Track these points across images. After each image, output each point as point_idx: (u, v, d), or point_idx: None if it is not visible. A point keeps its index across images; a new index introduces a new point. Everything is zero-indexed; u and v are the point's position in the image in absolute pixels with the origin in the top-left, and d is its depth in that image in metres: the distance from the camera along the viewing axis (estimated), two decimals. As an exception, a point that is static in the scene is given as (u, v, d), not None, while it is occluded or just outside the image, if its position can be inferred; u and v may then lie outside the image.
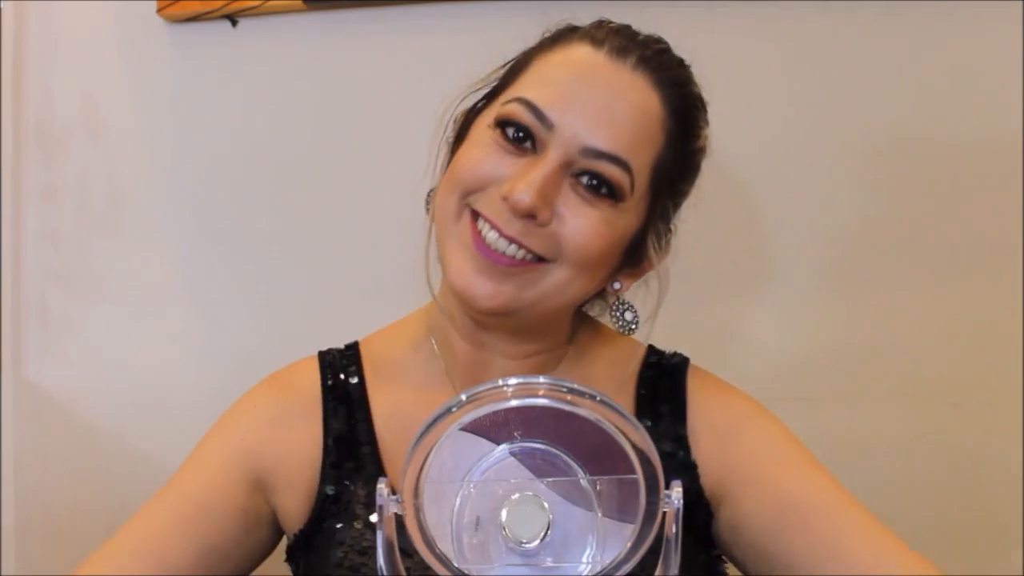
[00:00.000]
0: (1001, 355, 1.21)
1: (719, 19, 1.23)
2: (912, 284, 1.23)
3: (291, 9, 1.30)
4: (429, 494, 0.59)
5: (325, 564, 0.82)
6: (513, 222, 0.75)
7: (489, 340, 0.84)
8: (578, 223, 0.76)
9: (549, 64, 0.80)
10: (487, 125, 0.79)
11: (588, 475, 0.59)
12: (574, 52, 0.79)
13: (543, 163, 0.75)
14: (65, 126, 1.39)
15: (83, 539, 1.42)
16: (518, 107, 0.77)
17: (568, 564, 0.59)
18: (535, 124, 0.76)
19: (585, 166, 0.76)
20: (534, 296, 0.78)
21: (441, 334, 0.88)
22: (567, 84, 0.77)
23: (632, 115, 0.77)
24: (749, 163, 1.24)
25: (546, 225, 0.76)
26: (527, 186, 0.74)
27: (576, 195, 0.76)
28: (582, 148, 0.75)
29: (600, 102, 0.76)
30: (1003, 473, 1.21)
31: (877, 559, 0.73)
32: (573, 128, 0.75)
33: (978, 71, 1.20)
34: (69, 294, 1.40)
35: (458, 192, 0.79)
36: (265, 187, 1.35)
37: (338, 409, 0.87)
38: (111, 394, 1.38)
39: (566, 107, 0.76)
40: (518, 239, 0.76)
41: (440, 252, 0.81)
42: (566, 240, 0.76)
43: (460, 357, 0.86)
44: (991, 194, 1.21)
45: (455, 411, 0.57)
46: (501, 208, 0.76)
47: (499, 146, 0.78)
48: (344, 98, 1.32)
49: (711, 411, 0.85)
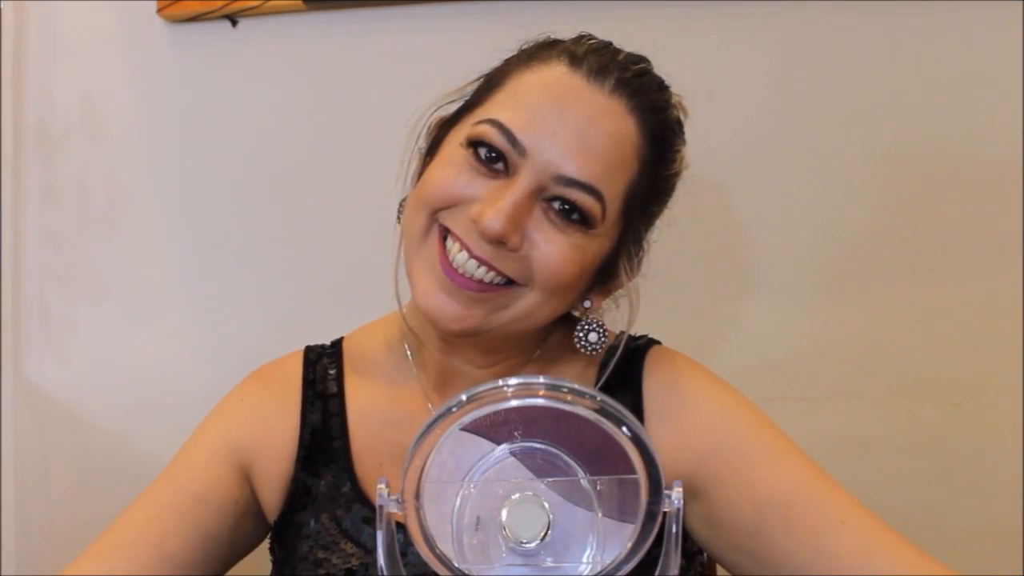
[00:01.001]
0: (1001, 355, 1.21)
1: (714, 19, 1.23)
2: (912, 284, 1.23)
3: (291, 9, 1.30)
4: (429, 494, 0.59)
5: (292, 556, 0.82)
6: (487, 248, 0.74)
7: (457, 350, 0.84)
8: (549, 248, 0.75)
9: (525, 85, 0.78)
10: (459, 143, 0.78)
11: (588, 475, 0.59)
12: (551, 72, 0.77)
13: (514, 188, 0.74)
14: (65, 126, 1.39)
15: (83, 539, 1.42)
16: (491, 129, 0.75)
17: (568, 564, 0.59)
18: (507, 148, 0.75)
19: (557, 192, 0.75)
20: (503, 319, 0.78)
21: (412, 338, 0.88)
22: (542, 109, 0.75)
23: (607, 142, 0.75)
24: (749, 162, 1.25)
25: (517, 249, 0.75)
26: (496, 213, 0.73)
27: (547, 220, 0.75)
28: (555, 176, 0.74)
29: (575, 129, 0.75)
30: (1003, 473, 1.21)
31: (866, 559, 0.72)
32: (546, 155, 0.74)
33: (978, 71, 1.20)
34: (69, 294, 1.40)
35: (427, 209, 0.78)
36: (265, 187, 1.35)
37: (315, 403, 0.88)
38: (111, 394, 1.38)
39: (540, 133, 0.74)
40: (488, 261, 0.75)
41: (408, 269, 0.80)
42: (537, 265, 0.75)
43: (430, 363, 0.86)
44: (991, 194, 1.21)
45: (455, 411, 0.57)
46: (470, 228, 0.75)
47: (470, 166, 0.76)
48: (344, 98, 1.32)
49: (660, 390, 0.82)
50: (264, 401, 0.89)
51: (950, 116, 1.21)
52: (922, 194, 1.22)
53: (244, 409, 0.89)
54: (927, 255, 1.22)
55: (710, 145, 1.25)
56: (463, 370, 0.85)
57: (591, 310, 0.83)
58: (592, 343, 0.82)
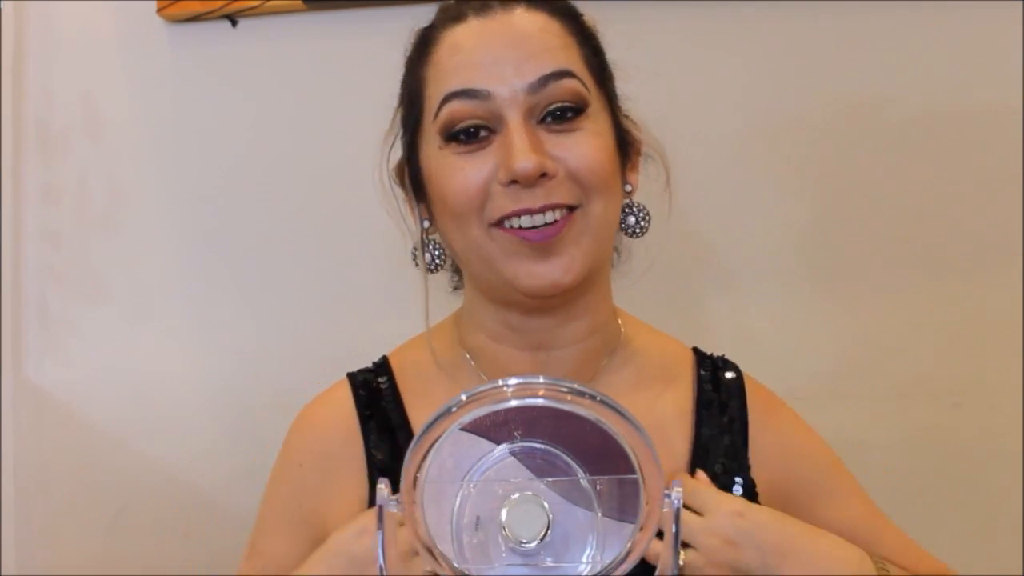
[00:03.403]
0: (1001, 355, 1.21)
1: (713, 15, 1.23)
2: (912, 284, 1.23)
3: (291, 9, 1.30)
4: (429, 494, 0.59)
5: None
6: (535, 194, 0.75)
7: (547, 336, 0.83)
8: (578, 151, 0.76)
9: (441, 62, 0.79)
10: (437, 148, 0.78)
11: (588, 475, 0.59)
12: (451, 38, 0.79)
13: (511, 128, 0.75)
14: (65, 126, 1.39)
15: (83, 539, 1.42)
16: (451, 105, 0.76)
17: (568, 564, 0.59)
18: (476, 106, 0.75)
19: (543, 101, 0.76)
20: (591, 241, 0.78)
21: (479, 351, 0.86)
22: (471, 57, 0.77)
23: (539, 36, 0.77)
24: (748, 162, 1.25)
25: (556, 174, 0.75)
26: (520, 152, 0.73)
27: (555, 134, 0.76)
28: (526, 88, 0.75)
29: (508, 47, 0.76)
30: (1003, 473, 1.21)
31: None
32: (506, 82, 0.75)
33: (978, 71, 1.20)
34: (69, 294, 1.40)
35: (470, 219, 0.77)
36: (265, 187, 1.35)
37: (380, 441, 0.84)
38: (111, 394, 1.38)
39: (486, 71, 0.76)
40: (547, 204, 0.75)
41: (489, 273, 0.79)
42: (579, 175, 0.76)
43: (512, 368, 0.83)
44: (991, 194, 1.21)
45: (455, 411, 0.57)
46: (515, 194, 0.75)
47: (464, 155, 0.77)
48: (344, 98, 1.32)
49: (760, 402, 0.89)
50: (321, 457, 0.85)
51: (950, 116, 1.21)
52: (922, 194, 1.22)
53: (304, 476, 0.85)
54: (927, 255, 1.22)
55: (709, 145, 1.26)
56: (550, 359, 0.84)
57: (633, 193, 0.85)
58: (631, 225, 0.84)
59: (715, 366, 0.91)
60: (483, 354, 0.86)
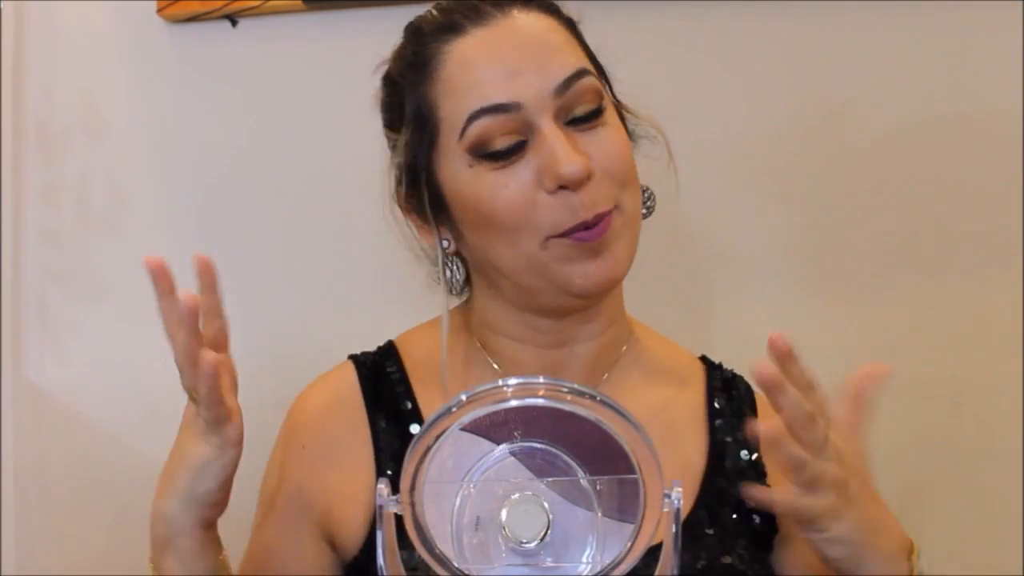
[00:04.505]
0: (1001, 355, 1.21)
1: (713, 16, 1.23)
2: (912, 284, 1.23)
3: (291, 9, 1.30)
4: (429, 494, 0.59)
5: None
6: (583, 202, 0.75)
7: (568, 334, 0.83)
8: (607, 149, 0.77)
9: (453, 79, 0.78)
10: (467, 166, 0.77)
11: (588, 475, 0.59)
12: (456, 53, 0.78)
13: (546, 135, 0.75)
14: (65, 126, 1.39)
15: (83, 539, 1.42)
16: (481, 123, 0.75)
17: (568, 564, 0.59)
18: (506, 120, 0.75)
19: (568, 103, 0.76)
20: (630, 234, 0.79)
21: (494, 349, 0.85)
22: (488, 71, 0.76)
23: (548, 38, 0.78)
24: (747, 162, 1.25)
25: (595, 174, 0.75)
26: (565, 157, 0.74)
27: (584, 134, 0.77)
28: (553, 92, 0.75)
29: (522, 54, 0.76)
30: (1003, 473, 1.21)
31: None
32: (532, 88, 0.75)
33: (978, 71, 1.20)
34: (69, 294, 1.40)
35: (522, 234, 0.76)
36: (265, 187, 1.35)
37: (389, 426, 0.83)
38: (111, 394, 1.38)
39: (509, 82, 0.75)
40: (597, 210, 0.75)
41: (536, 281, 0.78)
42: (611, 172, 0.77)
43: (533, 365, 0.83)
44: (991, 194, 1.21)
45: (455, 411, 0.57)
46: (564, 205, 0.75)
47: (501, 169, 0.76)
48: (344, 98, 1.31)
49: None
50: (326, 440, 0.84)
51: (950, 117, 1.21)
52: (922, 194, 1.22)
53: (307, 459, 0.84)
54: (927, 255, 1.22)
55: (709, 145, 1.26)
56: (570, 356, 0.84)
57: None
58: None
59: (724, 376, 0.91)
60: (499, 351, 0.85)
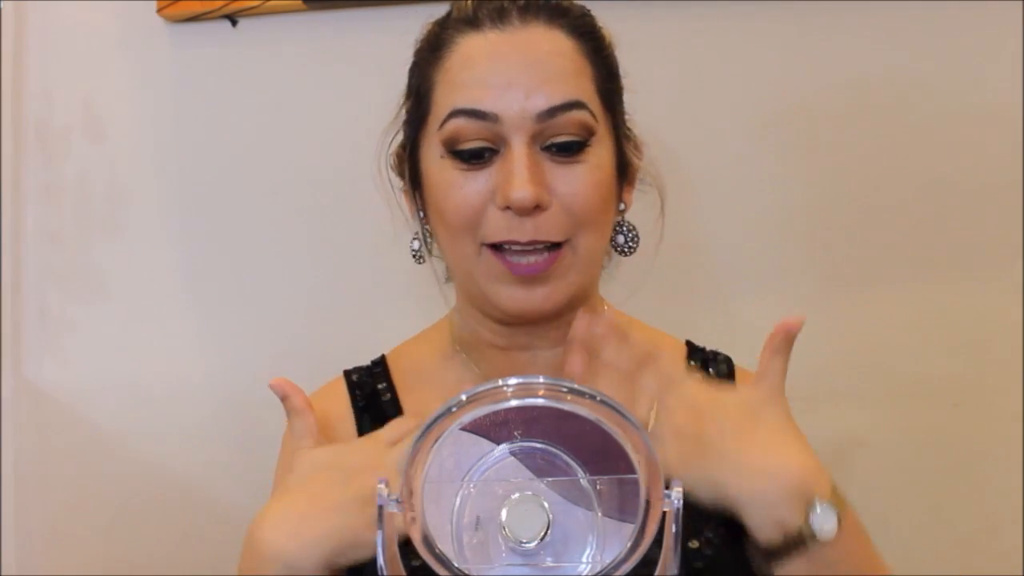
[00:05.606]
0: (1001, 355, 1.21)
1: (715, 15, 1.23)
2: (912, 284, 1.23)
3: (291, 9, 1.30)
4: (429, 494, 0.59)
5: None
6: (525, 226, 0.75)
7: (530, 339, 0.84)
8: (576, 187, 0.76)
9: (452, 71, 0.78)
10: (439, 156, 0.78)
11: (588, 475, 0.59)
12: (465, 47, 0.78)
13: (514, 154, 0.75)
14: (65, 126, 1.39)
15: (83, 539, 1.42)
16: (457, 121, 0.76)
17: (568, 564, 0.59)
18: (481, 127, 0.75)
19: (549, 130, 0.75)
20: (576, 274, 0.78)
21: (472, 347, 0.87)
22: (482, 75, 0.76)
23: (554, 61, 0.77)
24: (747, 161, 1.25)
25: (550, 207, 0.75)
26: (520, 182, 0.73)
27: (557, 164, 0.76)
28: (535, 116, 0.75)
29: (521, 70, 0.75)
30: (1003, 473, 1.21)
31: None
32: (516, 105, 0.74)
33: (978, 71, 1.20)
34: (69, 294, 1.40)
35: (463, 235, 0.78)
36: (265, 187, 1.35)
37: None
38: (111, 394, 1.38)
39: (496, 93, 0.75)
40: (537, 239, 0.75)
41: (473, 287, 0.80)
42: (573, 209, 0.76)
43: (500, 365, 0.85)
44: (991, 194, 1.21)
45: (455, 411, 0.57)
46: (509, 220, 0.75)
47: (464, 171, 0.77)
48: (344, 98, 1.32)
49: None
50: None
51: (950, 116, 1.21)
52: (922, 194, 1.22)
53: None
54: (927, 255, 1.22)
55: (709, 144, 1.26)
56: (537, 358, 0.84)
57: (626, 211, 0.85)
58: (619, 244, 0.85)
59: (705, 357, 0.91)
60: (474, 351, 0.87)
